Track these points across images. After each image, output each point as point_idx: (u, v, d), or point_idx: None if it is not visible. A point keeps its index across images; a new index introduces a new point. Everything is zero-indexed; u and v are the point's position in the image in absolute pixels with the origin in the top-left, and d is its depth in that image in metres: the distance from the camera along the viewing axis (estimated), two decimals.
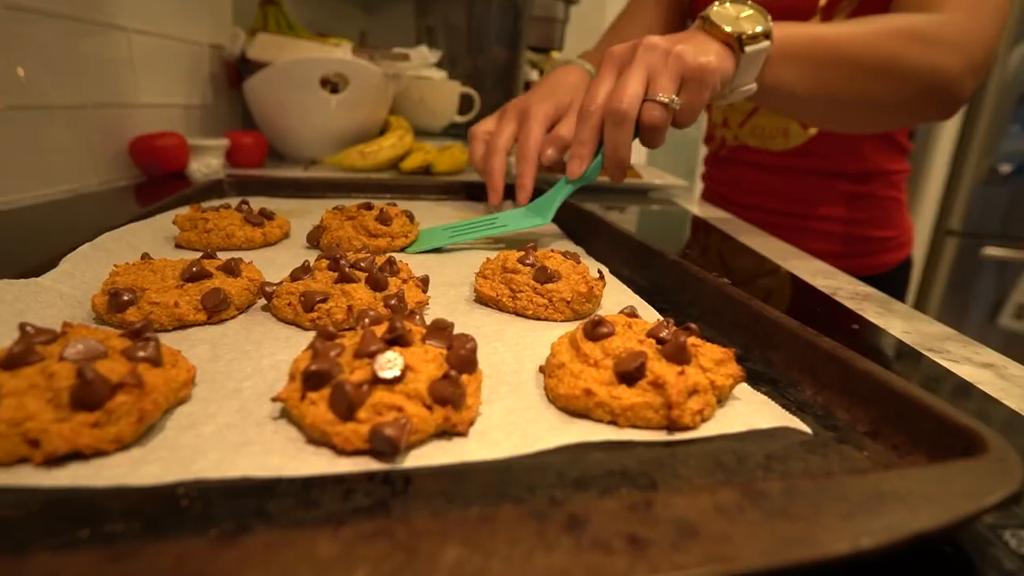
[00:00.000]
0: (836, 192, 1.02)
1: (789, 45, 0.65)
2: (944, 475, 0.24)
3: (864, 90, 0.70)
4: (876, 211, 1.03)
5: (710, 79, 0.60)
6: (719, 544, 0.20)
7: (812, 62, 0.67)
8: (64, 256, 0.48)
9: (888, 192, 1.03)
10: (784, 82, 0.67)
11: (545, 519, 0.20)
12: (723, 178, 1.17)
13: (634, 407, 0.31)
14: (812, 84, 0.68)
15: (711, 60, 0.60)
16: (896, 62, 0.68)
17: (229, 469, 0.26)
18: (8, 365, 0.28)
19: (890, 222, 1.04)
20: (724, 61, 0.61)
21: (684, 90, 0.62)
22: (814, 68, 0.67)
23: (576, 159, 0.66)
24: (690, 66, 0.60)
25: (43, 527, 0.23)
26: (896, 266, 1.06)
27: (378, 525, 0.20)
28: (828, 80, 0.68)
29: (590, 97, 0.64)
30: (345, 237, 0.61)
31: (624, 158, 0.64)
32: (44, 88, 0.79)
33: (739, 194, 1.12)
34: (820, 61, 0.67)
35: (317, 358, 0.31)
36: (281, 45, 1.12)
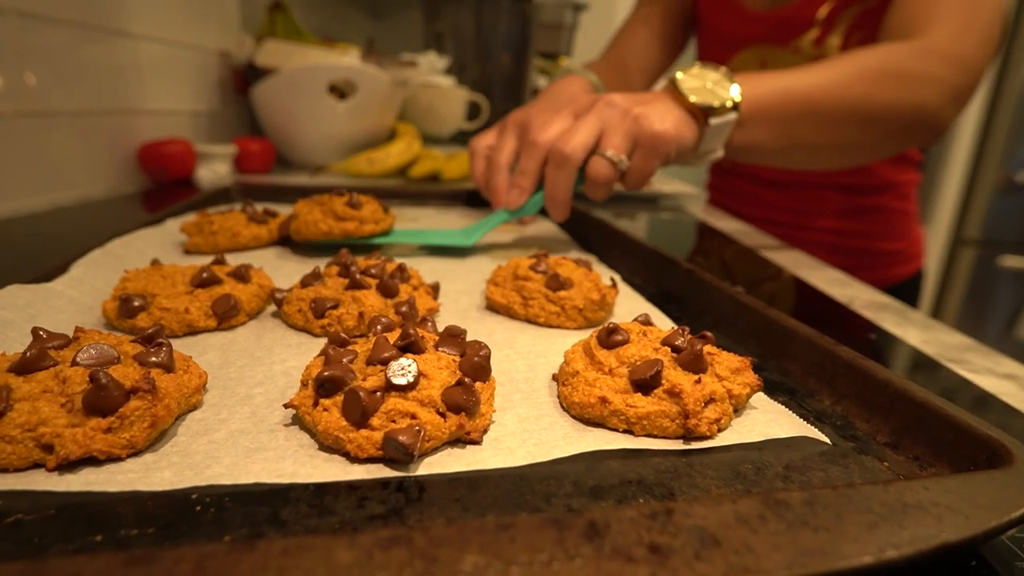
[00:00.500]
0: (841, 205, 1.00)
1: (758, 106, 0.64)
2: (969, 486, 0.23)
3: (839, 136, 0.70)
4: (884, 223, 1.00)
5: (663, 148, 0.60)
6: (741, 555, 0.20)
7: (783, 119, 0.66)
8: (74, 261, 0.48)
9: (896, 204, 1.00)
10: (755, 141, 0.67)
11: (565, 527, 0.20)
12: (727, 189, 1.16)
13: (650, 416, 0.31)
14: (784, 139, 0.68)
15: (667, 129, 0.59)
16: (872, 106, 0.67)
17: (242, 475, 0.26)
18: (22, 370, 0.28)
19: (899, 234, 1.02)
20: (683, 129, 0.61)
21: (636, 154, 0.61)
22: (785, 124, 0.67)
23: (515, 189, 0.64)
24: (645, 131, 0.59)
25: (58, 531, 0.22)
26: (907, 279, 1.03)
27: (396, 532, 0.19)
28: (801, 133, 0.68)
29: (540, 131, 0.63)
30: (312, 220, 0.59)
31: (562, 200, 0.63)
32: (53, 95, 0.79)
33: (742, 206, 1.11)
34: (791, 116, 0.66)
35: (330, 364, 0.31)
36: (289, 52, 1.13)
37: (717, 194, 1.19)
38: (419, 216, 0.84)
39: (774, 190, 1.04)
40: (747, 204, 1.10)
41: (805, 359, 0.38)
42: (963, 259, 2.33)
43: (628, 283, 0.57)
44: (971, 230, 2.30)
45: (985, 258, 2.29)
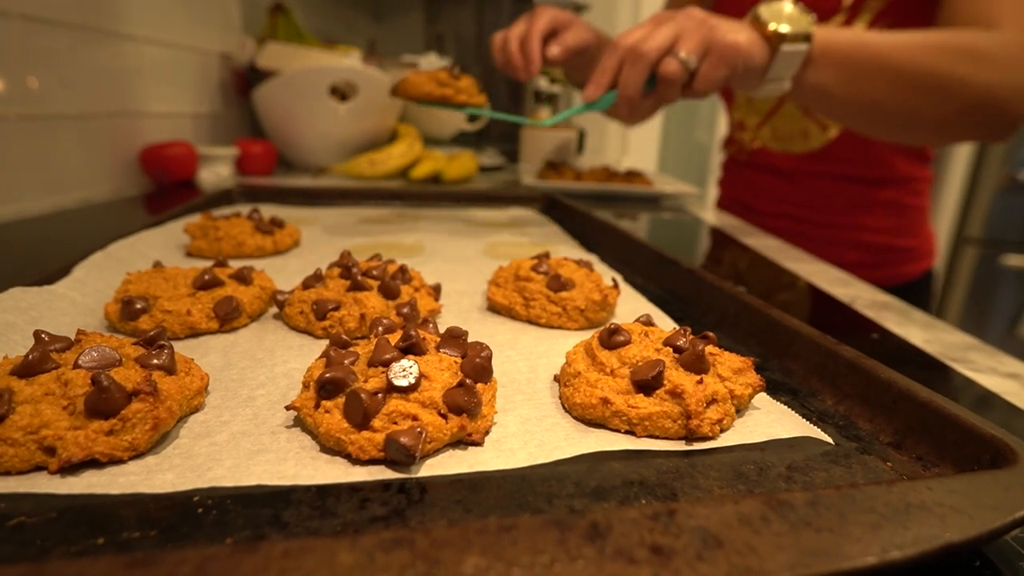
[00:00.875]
0: (856, 198, 0.99)
1: (830, 48, 0.67)
2: (973, 486, 0.23)
3: (906, 102, 0.70)
4: (897, 219, 0.99)
5: (732, 56, 0.63)
6: (744, 555, 0.20)
7: (853, 68, 0.68)
8: (77, 264, 0.48)
9: (910, 200, 0.99)
10: (823, 83, 0.69)
11: (567, 528, 0.20)
12: (741, 184, 1.14)
13: (652, 416, 0.31)
14: (852, 90, 0.69)
15: (739, 40, 0.63)
16: (943, 77, 0.67)
17: (244, 477, 0.26)
18: (24, 372, 0.28)
19: (911, 231, 1.01)
20: (755, 49, 0.64)
21: (706, 60, 0.64)
22: (855, 74, 0.68)
23: (592, 84, 0.68)
24: (717, 39, 0.63)
25: (60, 534, 0.22)
26: (918, 277, 1.02)
27: (398, 534, 0.19)
28: (869, 88, 0.69)
29: (622, 36, 0.67)
30: (417, 82, 0.71)
31: (631, 95, 0.66)
32: (55, 98, 0.79)
33: (757, 200, 1.10)
34: (861, 68, 0.68)
35: (331, 366, 0.31)
36: (290, 54, 1.13)
37: (731, 189, 1.17)
38: (421, 217, 0.84)
39: (789, 182, 1.03)
40: (762, 198, 1.09)
41: (807, 359, 0.38)
42: (966, 258, 2.32)
43: (630, 283, 0.57)
44: (974, 229, 2.29)
45: (988, 257, 2.28)
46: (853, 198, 0.99)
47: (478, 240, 0.72)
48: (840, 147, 0.97)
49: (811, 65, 0.68)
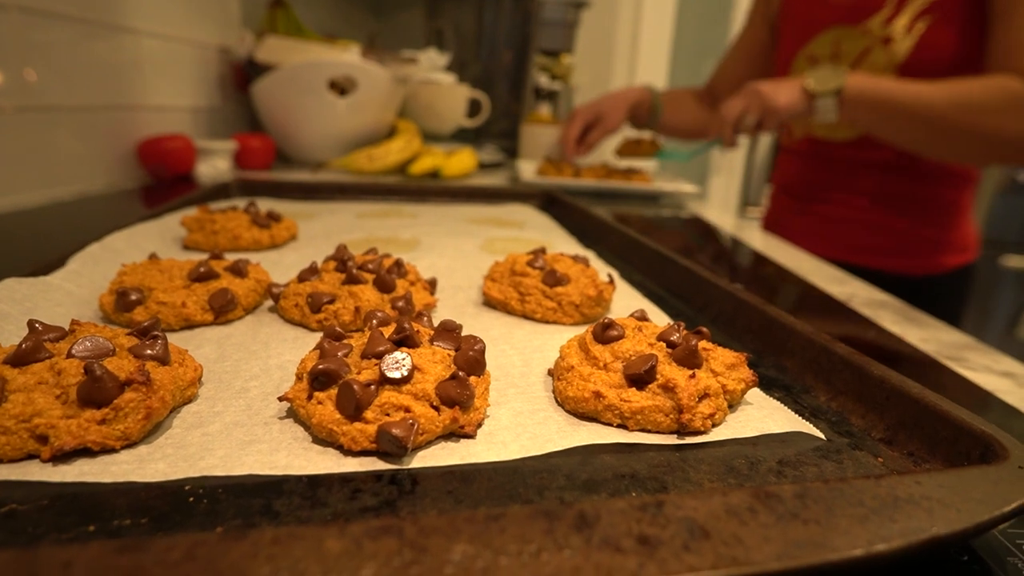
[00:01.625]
0: (894, 187, 1.02)
1: (860, 96, 0.87)
2: (961, 481, 0.23)
3: (923, 142, 0.88)
4: (933, 211, 1.01)
5: (778, 115, 0.93)
6: (730, 546, 0.20)
7: (880, 113, 0.87)
8: (72, 255, 0.48)
9: (948, 192, 1.01)
10: (858, 120, 0.91)
11: (554, 518, 0.20)
12: (789, 171, 1.18)
13: (644, 410, 0.31)
14: (877, 127, 0.90)
15: (780, 103, 0.92)
16: (958, 129, 0.82)
17: (236, 467, 0.26)
18: (17, 361, 0.28)
19: (943, 223, 1.02)
20: (795, 103, 0.91)
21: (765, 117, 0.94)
22: (880, 117, 0.88)
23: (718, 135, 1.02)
24: (765, 104, 0.93)
25: (51, 522, 0.23)
26: (948, 271, 1.03)
27: (386, 522, 0.19)
28: (891, 128, 0.88)
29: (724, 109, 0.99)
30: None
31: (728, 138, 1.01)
32: (53, 90, 0.79)
33: (801, 187, 1.14)
34: (887, 114, 0.86)
35: (324, 358, 0.31)
36: (289, 48, 1.13)
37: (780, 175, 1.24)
38: (419, 212, 0.84)
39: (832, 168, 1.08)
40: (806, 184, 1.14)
41: (801, 356, 0.38)
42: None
43: (626, 280, 0.57)
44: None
45: (988, 258, 2.28)
46: (889, 186, 1.02)
47: (475, 236, 0.72)
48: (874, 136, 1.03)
49: (845, 106, 0.88)
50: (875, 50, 0.94)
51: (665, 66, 2.24)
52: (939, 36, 0.88)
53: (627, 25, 2.20)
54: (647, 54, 2.21)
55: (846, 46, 0.97)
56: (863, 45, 0.95)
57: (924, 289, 0.99)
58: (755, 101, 0.94)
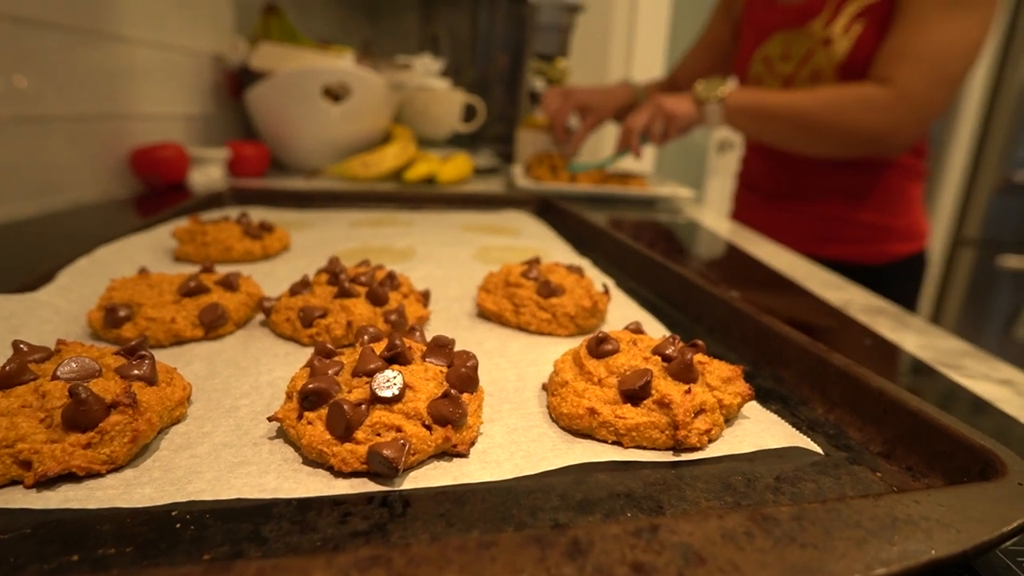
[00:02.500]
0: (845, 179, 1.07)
1: (738, 106, 0.99)
2: (961, 499, 0.23)
3: (799, 142, 1.00)
4: (881, 198, 1.06)
5: (678, 122, 1.05)
6: (727, 573, 0.19)
7: (756, 118, 1.00)
8: (61, 270, 0.48)
9: (898, 181, 1.06)
10: (738, 127, 1.03)
11: (547, 545, 0.20)
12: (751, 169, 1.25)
13: (639, 427, 0.30)
14: (758, 132, 1.04)
15: (678, 111, 1.04)
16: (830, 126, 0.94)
17: (224, 490, 0.26)
18: (1, 384, 0.28)
19: (895, 211, 1.07)
20: (691, 112, 1.03)
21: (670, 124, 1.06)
22: (758, 123, 1.01)
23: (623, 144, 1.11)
24: (668, 112, 1.05)
25: (33, 551, 0.22)
26: (902, 259, 1.08)
27: (375, 552, 0.19)
28: (770, 132, 1.01)
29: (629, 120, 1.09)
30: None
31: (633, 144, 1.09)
32: (45, 99, 0.79)
33: (761, 182, 1.20)
34: (762, 118, 0.99)
35: (315, 376, 0.31)
36: (283, 55, 1.12)
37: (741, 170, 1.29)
38: (413, 220, 0.83)
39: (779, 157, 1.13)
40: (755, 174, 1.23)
41: (798, 366, 0.38)
42: (963, 259, 2.32)
43: (622, 288, 0.56)
44: (971, 230, 2.29)
45: (985, 258, 2.28)
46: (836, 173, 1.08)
47: (470, 244, 0.72)
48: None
49: (729, 115, 1.01)
50: (817, 51, 1.01)
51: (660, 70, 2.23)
52: (873, 37, 0.95)
53: (622, 29, 2.20)
54: (642, 58, 2.21)
55: (794, 47, 1.05)
56: (807, 46, 1.02)
57: (884, 277, 1.05)
58: (657, 112, 1.05)
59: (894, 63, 0.90)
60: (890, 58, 0.91)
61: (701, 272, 0.52)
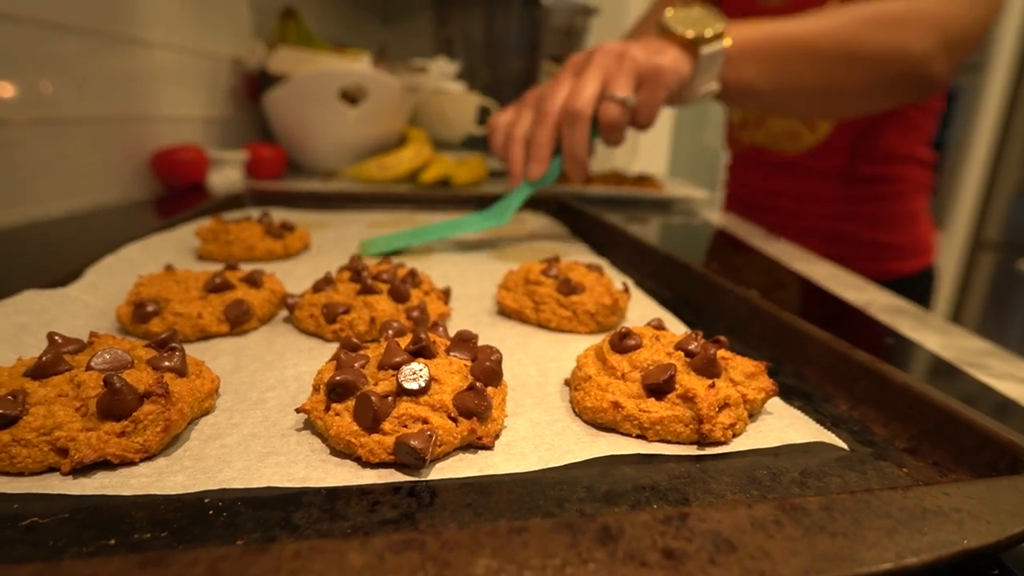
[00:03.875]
0: (846, 194, 1.00)
1: (746, 44, 0.68)
2: (991, 492, 0.23)
3: (829, 78, 0.72)
4: (887, 217, 1.00)
5: (665, 78, 0.63)
6: (758, 560, 0.19)
7: (771, 58, 0.70)
8: (89, 267, 0.48)
9: (903, 199, 1.00)
10: (745, 79, 0.70)
11: (578, 531, 0.20)
12: (739, 180, 1.17)
13: (663, 421, 0.30)
14: (774, 78, 0.71)
15: (665, 61, 0.63)
16: (859, 48, 0.70)
17: (254, 479, 0.26)
18: (38, 374, 0.28)
19: (901, 228, 1.01)
20: (680, 62, 0.65)
21: (641, 89, 0.64)
22: (774, 63, 0.70)
23: (534, 161, 0.66)
24: (644, 66, 0.63)
25: (72, 535, 0.23)
26: (910, 275, 1.02)
27: (408, 536, 0.19)
28: (790, 73, 0.71)
29: (547, 100, 0.65)
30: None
31: (581, 156, 0.65)
32: (68, 102, 0.80)
33: (752, 195, 1.12)
34: (779, 56, 0.70)
35: (341, 369, 0.31)
36: (300, 58, 1.14)
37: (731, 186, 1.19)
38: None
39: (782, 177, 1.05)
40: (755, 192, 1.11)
41: (821, 363, 0.38)
42: (983, 262, 2.30)
43: (640, 288, 0.56)
44: (991, 233, 2.27)
45: (1005, 261, 2.26)
46: (841, 194, 1.00)
47: (488, 244, 0.72)
48: (832, 147, 0.98)
49: (731, 64, 0.68)
50: None
51: None
52: None
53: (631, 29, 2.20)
54: None
55: None
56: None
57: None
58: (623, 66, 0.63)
59: None
60: None
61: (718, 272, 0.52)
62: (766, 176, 1.08)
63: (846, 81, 0.72)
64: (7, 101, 0.70)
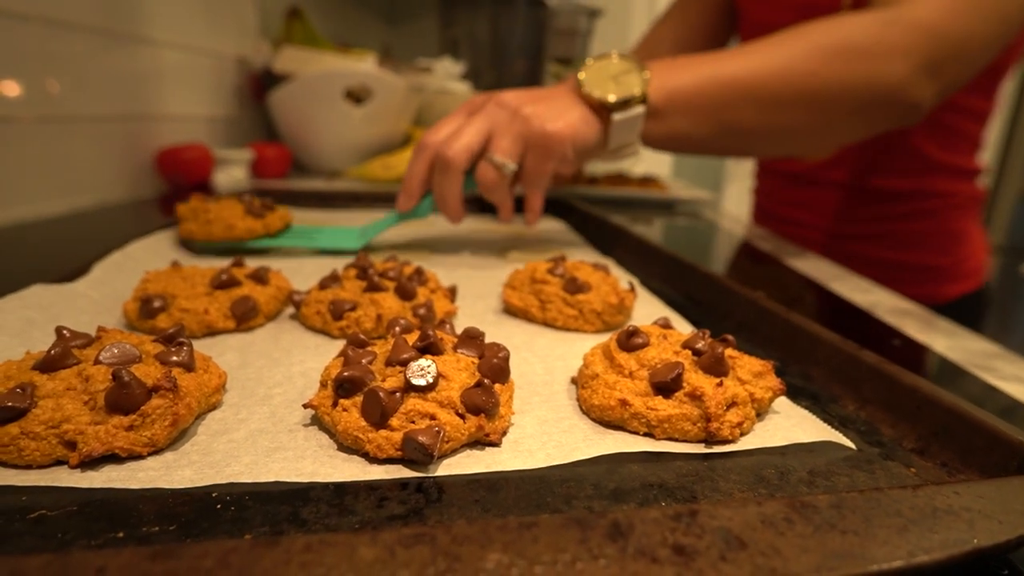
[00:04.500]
0: (870, 210, 0.91)
1: (675, 94, 0.61)
2: (1001, 492, 0.23)
3: (780, 119, 0.64)
4: (921, 236, 0.90)
5: (556, 148, 0.57)
6: (768, 557, 0.19)
7: (707, 106, 0.62)
8: (95, 263, 0.48)
9: (938, 215, 0.90)
10: (677, 131, 0.63)
11: (588, 527, 0.20)
12: (763, 189, 1.11)
13: (671, 419, 0.30)
14: (713, 126, 0.63)
15: (560, 128, 0.57)
16: (818, 86, 0.62)
17: (262, 474, 0.26)
18: (46, 367, 0.28)
19: (937, 248, 0.91)
20: (581, 128, 0.58)
21: (528, 155, 0.59)
22: (711, 111, 0.62)
23: (403, 193, 0.62)
24: (535, 132, 0.57)
25: (81, 527, 0.23)
26: (952, 300, 0.91)
27: (419, 530, 0.19)
28: (731, 119, 0.63)
29: (430, 133, 0.61)
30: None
31: (451, 204, 0.61)
32: (73, 100, 0.80)
33: (773, 206, 1.06)
34: (717, 102, 0.62)
35: (349, 365, 0.31)
36: (305, 58, 1.14)
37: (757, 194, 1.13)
38: (434, 221, 0.84)
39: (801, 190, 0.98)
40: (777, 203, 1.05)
41: (828, 364, 0.38)
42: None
43: (646, 288, 0.56)
44: (995, 237, 2.27)
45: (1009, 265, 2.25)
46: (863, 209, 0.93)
47: (493, 244, 0.72)
48: (849, 157, 0.91)
49: (657, 118, 0.61)
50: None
51: None
52: None
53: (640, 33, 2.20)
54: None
55: None
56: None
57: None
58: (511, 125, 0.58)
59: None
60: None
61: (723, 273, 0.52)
62: (783, 186, 1.03)
63: (803, 120, 0.65)
64: (13, 99, 0.70)
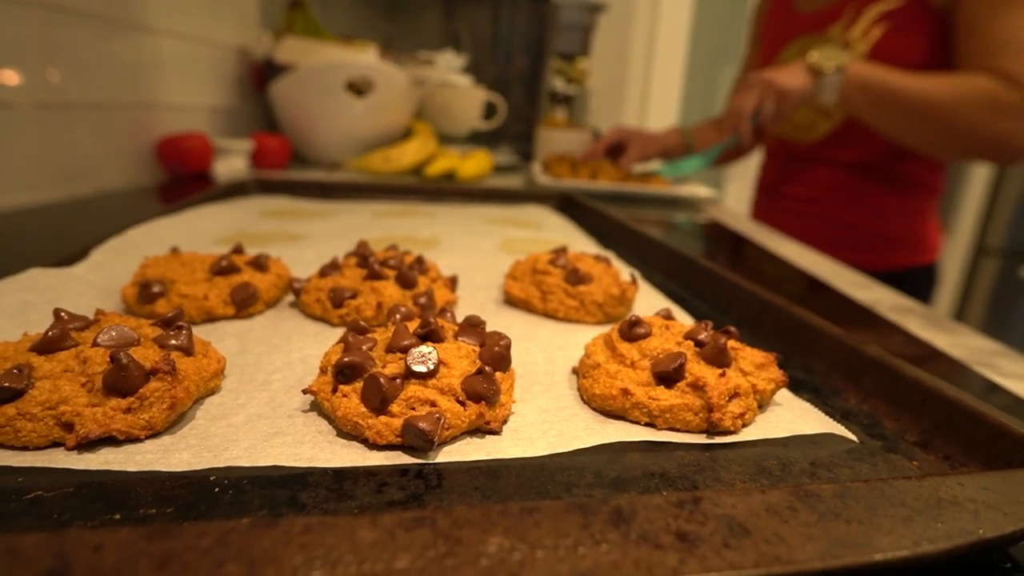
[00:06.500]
0: (853, 184, 1.08)
1: (858, 80, 0.90)
2: (1005, 483, 0.23)
3: (916, 134, 0.91)
4: (896, 211, 1.07)
5: (789, 97, 0.95)
6: (773, 544, 0.19)
7: (876, 99, 0.90)
8: (94, 248, 0.48)
9: (913, 195, 1.07)
10: (853, 104, 0.93)
11: (590, 512, 0.20)
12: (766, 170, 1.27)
13: (673, 408, 0.30)
14: (873, 114, 0.92)
15: (791, 84, 0.94)
16: (961, 124, 0.85)
17: (260, 458, 0.26)
18: (44, 349, 0.28)
19: (908, 223, 1.07)
20: (805, 83, 0.93)
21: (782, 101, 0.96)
22: (877, 104, 0.90)
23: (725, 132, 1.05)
24: (777, 89, 0.95)
25: (77, 508, 0.22)
26: (908, 268, 1.08)
27: (419, 513, 0.19)
28: (889, 117, 0.91)
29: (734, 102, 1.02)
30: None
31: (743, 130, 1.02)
32: (73, 88, 0.79)
33: (772, 183, 1.22)
34: (883, 99, 0.89)
35: (349, 351, 0.31)
36: (307, 49, 1.13)
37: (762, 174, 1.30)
38: (436, 212, 0.84)
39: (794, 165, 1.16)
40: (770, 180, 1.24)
41: (830, 357, 0.38)
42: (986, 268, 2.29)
43: (647, 281, 0.56)
44: (994, 239, 2.27)
45: (1008, 267, 2.25)
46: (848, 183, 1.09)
47: (493, 235, 0.72)
48: (842, 136, 1.07)
49: (846, 89, 0.91)
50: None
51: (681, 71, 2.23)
52: (893, 42, 0.96)
53: (643, 29, 2.20)
54: (663, 58, 2.20)
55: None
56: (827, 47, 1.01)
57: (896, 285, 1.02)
58: (767, 88, 0.96)
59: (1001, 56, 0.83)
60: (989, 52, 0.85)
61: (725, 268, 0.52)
62: (784, 165, 1.19)
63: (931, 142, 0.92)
64: (14, 86, 0.70)
